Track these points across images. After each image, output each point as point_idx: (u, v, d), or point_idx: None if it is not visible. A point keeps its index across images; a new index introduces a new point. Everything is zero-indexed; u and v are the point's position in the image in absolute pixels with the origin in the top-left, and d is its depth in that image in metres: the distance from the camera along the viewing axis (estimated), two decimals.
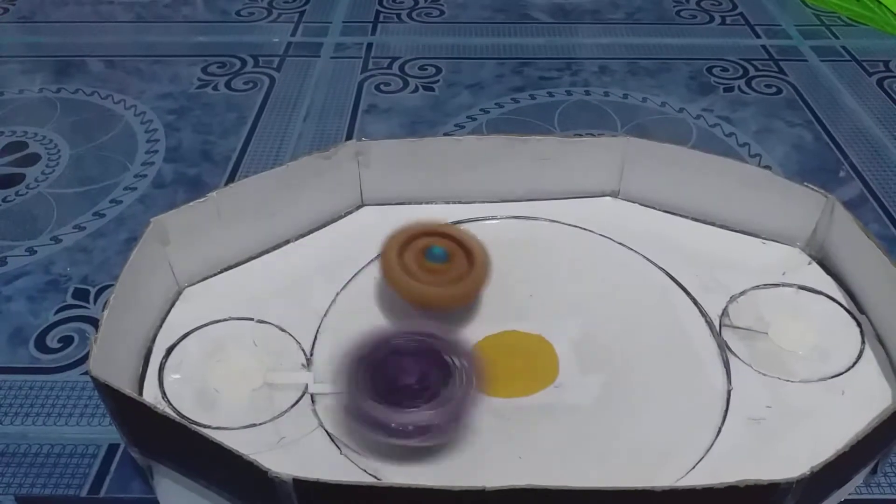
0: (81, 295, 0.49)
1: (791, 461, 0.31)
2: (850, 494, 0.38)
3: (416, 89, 0.70)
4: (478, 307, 0.45)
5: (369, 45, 0.77)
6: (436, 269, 0.43)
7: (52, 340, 0.46)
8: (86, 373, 0.44)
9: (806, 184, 0.46)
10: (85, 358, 0.45)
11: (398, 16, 0.83)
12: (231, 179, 0.58)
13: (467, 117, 0.66)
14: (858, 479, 0.38)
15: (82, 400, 0.43)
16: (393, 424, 0.35)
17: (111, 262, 0.51)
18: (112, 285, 0.38)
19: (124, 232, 0.54)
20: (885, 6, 0.82)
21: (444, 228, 0.45)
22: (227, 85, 0.70)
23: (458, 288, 0.42)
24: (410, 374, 0.37)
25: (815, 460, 0.31)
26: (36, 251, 0.52)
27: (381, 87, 0.70)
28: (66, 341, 0.46)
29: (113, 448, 0.40)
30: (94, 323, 0.47)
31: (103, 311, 0.37)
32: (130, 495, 0.38)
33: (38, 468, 0.39)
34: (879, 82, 0.72)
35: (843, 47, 0.77)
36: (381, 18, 0.82)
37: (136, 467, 0.39)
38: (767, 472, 0.30)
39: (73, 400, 0.43)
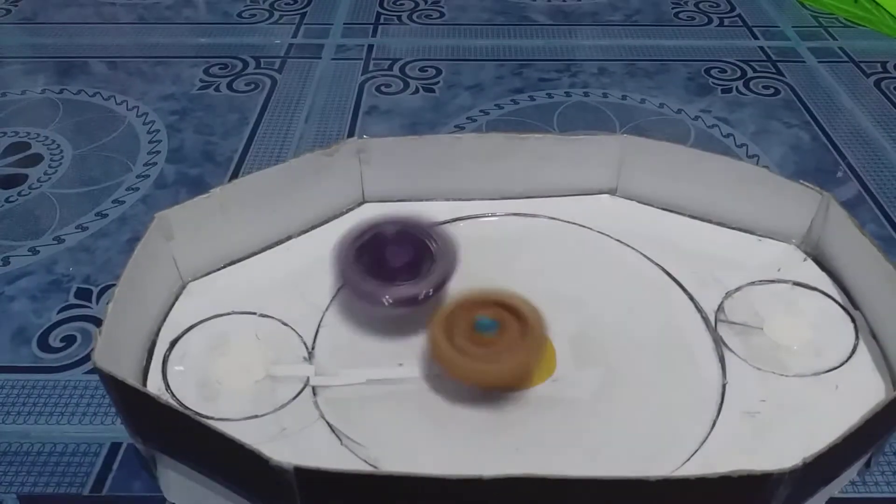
0: (84, 295, 0.49)
1: (785, 454, 0.31)
2: (845, 490, 0.39)
3: (417, 91, 0.70)
4: None
5: (370, 47, 0.77)
6: (491, 341, 0.39)
7: (54, 340, 0.46)
8: (88, 372, 0.44)
9: (801, 181, 0.46)
10: (87, 357, 0.45)
11: (399, 17, 0.83)
12: (232, 180, 0.59)
13: (467, 118, 0.66)
14: (852, 473, 0.39)
15: (84, 399, 0.43)
16: (386, 298, 0.42)
17: (113, 261, 0.52)
18: (114, 285, 0.38)
19: (127, 232, 0.54)
20: (883, 7, 0.82)
21: (486, 296, 0.41)
22: (229, 86, 0.71)
23: (516, 356, 0.39)
24: (397, 257, 0.43)
25: (809, 453, 0.31)
26: (39, 251, 0.53)
27: (382, 88, 0.71)
28: (69, 341, 0.46)
29: (115, 447, 0.41)
30: (97, 322, 0.47)
31: (108, 304, 0.37)
32: (132, 494, 0.39)
33: (41, 467, 0.40)
34: (877, 83, 0.72)
35: (841, 48, 0.78)
36: (381, 20, 0.82)
37: (139, 466, 0.40)
38: (761, 464, 0.30)
39: (75, 399, 0.43)
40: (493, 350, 0.39)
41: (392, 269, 0.43)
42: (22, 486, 0.39)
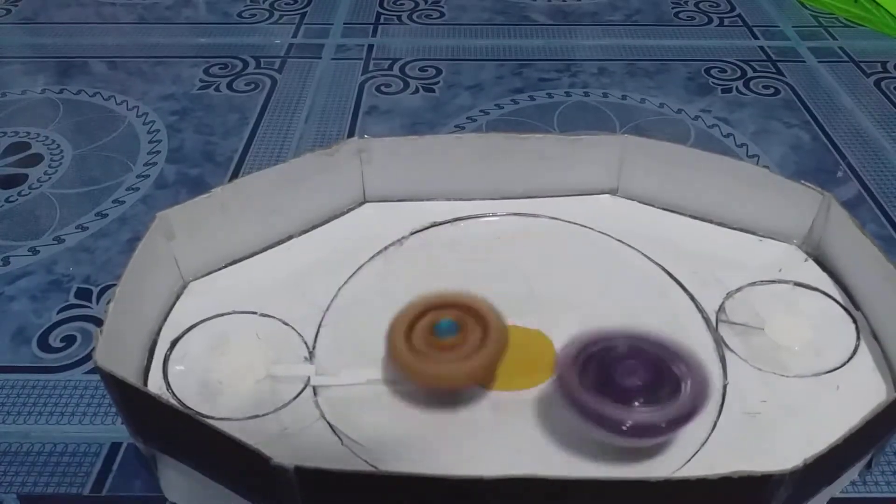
0: (84, 295, 0.49)
1: (785, 454, 0.31)
2: (845, 490, 0.39)
3: (417, 90, 0.70)
4: None
5: (370, 47, 0.77)
6: (451, 344, 0.39)
7: (54, 340, 0.46)
8: (88, 372, 0.44)
9: (802, 181, 0.46)
10: (88, 357, 0.45)
11: (399, 17, 0.83)
12: (233, 180, 0.59)
13: (467, 118, 0.66)
14: (853, 474, 0.39)
15: (85, 399, 0.43)
16: (626, 424, 0.35)
17: (114, 262, 0.52)
18: (115, 285, 0.38)
19: (127, 232, 0.54)
20: (883, 7, 0.82)
21: (446, 299, 0.41)
22: (229, 86, 0.71)
23: (474, 361, 0.38)
24: (635, 376, 0.36)
25: (810, 454, 0.31)
26: (38, 251, 0.53)
27: (382, 88, 0.70)
28: (69, 341, 0.46)
29: (115, 447, 0.41)
30: (97, 322, 0.47)
31: (108, 303, 0.37)
32: (133, 494, 0.39)
33: (41, 467, 0.40)
34: (877, 83, 0.72)
35: (841, 48, 0.78)
36: (381, 20, 0.82)
37: (139, 466, 0.40)
38: (762, 464, 0.30)
39: (75, 399, 0.43)
40: (453, 353, 0.38)
41: (624, 390, 0.36)
42: (22, 487, 0.39)
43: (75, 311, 0.48)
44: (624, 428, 0.35)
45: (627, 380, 0.36)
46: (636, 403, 0.35)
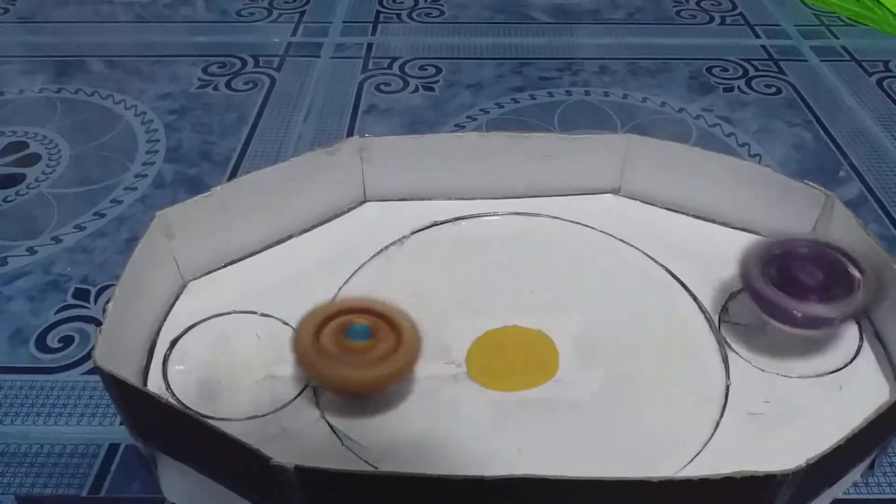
0: (82, 295, 0.49)
1: (788, 455, 0.31)
2: (847, 491, 0.39)
3: (417, 89, 0.70)
4: (479, 302, 0.45)
5: (369, 46, 0.77)
6: (360, 348, 0.38)
7: (52, 340, 0.46)
8: (86, 372, 0.44)
9: (806, 181, 0.46)
10: (85, 358, 0.45)
11: (398, 16, 0.83)
12: (232, 179, 0.58)
13: (467, 117, 0.66)
14: (856, 475, 0.39)
15: (83, 400, 0.43)
16: (797, 313, 0.39)
17: (111, 262, 0.51)
18: (113, 285, 0.38)
19: (125, 232, 0.54)
20: (885, 6, 0.82)
21: (360, 304, 0.40)
22: (228, 85, 0.70)
23: (385, 367, 0.37)
24: (808, 275, 0.40)
25: (812, 454, 0.31)
26: (36, 251, 0.52)
27: (382, 87, 0.70)
28: (67, 341, 0.46)
29: (113, 448, 0.40)
30: (95, 323, 0.47)
31: (108, 302, 0.37)
32: (131, 495, 0.38)
33: (39, 468, 0.39)
34: (879, 82, 0.72)
35: (843, 47, 0.77)
36: (381, 18, 0.82)
37: (137, 467, 0.39)
38: (764, 465, 0.30)
39: (73, 400, 0.43)
40: (363, 357, 0.38)
41: (802, 285, 0.40)
42: (20, 488, 0.38)
43: (73, 312, 0.48)
44: (798, 316, 0.39)
45: (806, 277, 0.40)
46: (811, 298, 0.39)
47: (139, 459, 0.39)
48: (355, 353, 0.38)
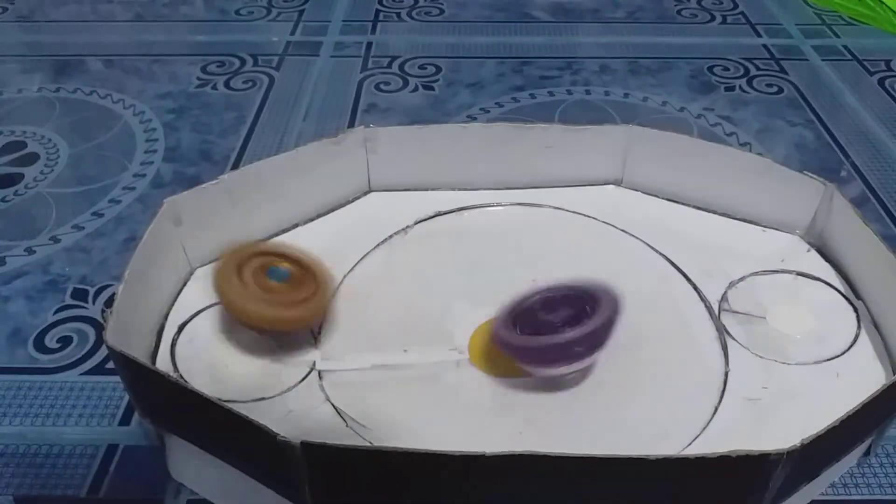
0: (80, 295, 0.49)
1: (785, 439, 0.31)
2: (847, 492, 0.39)
3: (416, 88, 0.70)
4: (481, 291, 0.45)
5: (369, 44, 0.77)
6: (278, 289, 0.41)
7: (50, 340, 0.46)
8: (85, 373, 0.44)
9: (805, 172, 0.46)
10: (84, 358, 0.45)
11: (398, 14, 0.82)
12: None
13: (467, 116, 0.66)
14: (852, 460, 0.39)
15: (81, 400, 0.43)
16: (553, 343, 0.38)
17: (110, 261, 0.51)
18: (111, 285, 0.38)
19: (123, 232, 0.54)
20: (887, 5, 0.82)
21: (284, 250, 0.43)
22: (227, 84, 0.70)
23: (302, 310, 0.40)
24: (553, 314, 0.40)
25: None
26: (35, 251, 0.52)
27: (381, 86, 0.70)
28: (65, 341, 0.46)
29: (112, 449, 0.40)
30: (94, 323, 0.47)
31: (119, 286, 0.37)
32: (130, 496, 0.38)
33: (37, 469, 0.39)
34: (881, 82, 0.72)
35: (845, 46, 0.77)
36: (380, 17, 0.82)
37: (136, 468, 0.39)
38: (761, 447, 0.31)
39: (71, 400, 0.43)
40: (276, 297, 0.40)
41: (550, 324, 0.40)
42: (18, 489, 0.38)
43: (71, 312, 0.48)
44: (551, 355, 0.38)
45: (551, 315, 0.40)
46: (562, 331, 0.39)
47: (140, 456, 0.39)
48: (273, 292, 0.40)
